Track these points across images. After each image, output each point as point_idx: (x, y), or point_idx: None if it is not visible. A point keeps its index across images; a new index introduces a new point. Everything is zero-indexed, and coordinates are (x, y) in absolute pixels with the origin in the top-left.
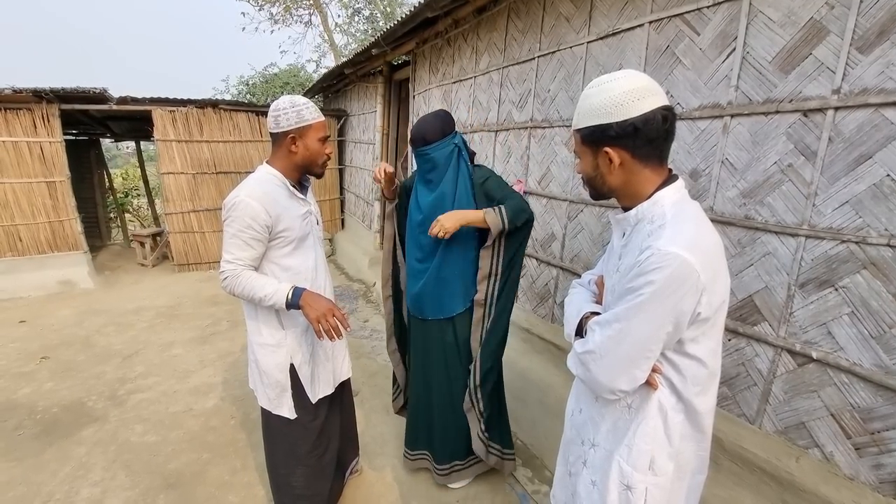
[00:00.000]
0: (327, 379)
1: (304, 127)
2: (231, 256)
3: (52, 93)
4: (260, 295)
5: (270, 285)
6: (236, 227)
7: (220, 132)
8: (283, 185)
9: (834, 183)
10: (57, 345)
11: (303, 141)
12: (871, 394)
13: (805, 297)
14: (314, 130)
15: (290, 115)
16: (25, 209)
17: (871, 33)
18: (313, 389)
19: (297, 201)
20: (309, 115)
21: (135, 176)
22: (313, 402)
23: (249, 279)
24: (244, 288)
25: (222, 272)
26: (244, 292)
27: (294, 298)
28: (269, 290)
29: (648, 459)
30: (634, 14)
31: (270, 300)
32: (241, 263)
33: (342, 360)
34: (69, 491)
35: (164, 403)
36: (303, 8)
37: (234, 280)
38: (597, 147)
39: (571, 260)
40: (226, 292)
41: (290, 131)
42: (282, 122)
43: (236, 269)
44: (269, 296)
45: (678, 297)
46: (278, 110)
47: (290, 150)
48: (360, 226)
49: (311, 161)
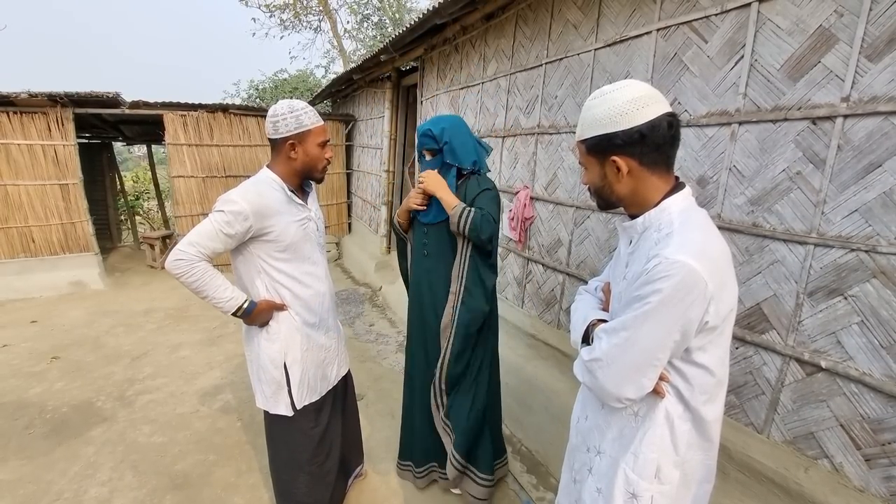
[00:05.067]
0: (314, 386)
1: (303, 132)
2: (196, 242)
3: (66, 97)
4: (213, 294)
5: (230, 289)
6: (216, 217)
7: (231, 136)
8: (282, 189)
9: (843, 191)
10: (67, 345)
11: (302, 147)
12: (882, 404)
13: (814, 305)
14: (313, 135)
15: (289, 121)
16: (39, 211)
17: (880, 41)
18: (300, 393)
19: (294, 206)
20: (308, 120)
21: (145, 179)
22: (298, 408)
23: (208, 273)
24: (199, 280)
25: (181, 252)
26: (197, 283)
27: (247, 312)
28: (226, 294)
29: (654, 468)
30: (642, 21)
31: (220, 304)
32: (204, 252)
33: (333, 369)
34: (77, 490)
35: (172, 404)
36: (312, 14)
37: (191, 267)
38: (603, 156)
39: (578, 266)
40: (172, 273)
41: (290, 137)
42: (280, 128)
43: (198, 257)
44: (223, 300)
45: (686, 305)
46: (276, 116)
47: (290, 156)
48: (366, 230)
49: (311, 166)
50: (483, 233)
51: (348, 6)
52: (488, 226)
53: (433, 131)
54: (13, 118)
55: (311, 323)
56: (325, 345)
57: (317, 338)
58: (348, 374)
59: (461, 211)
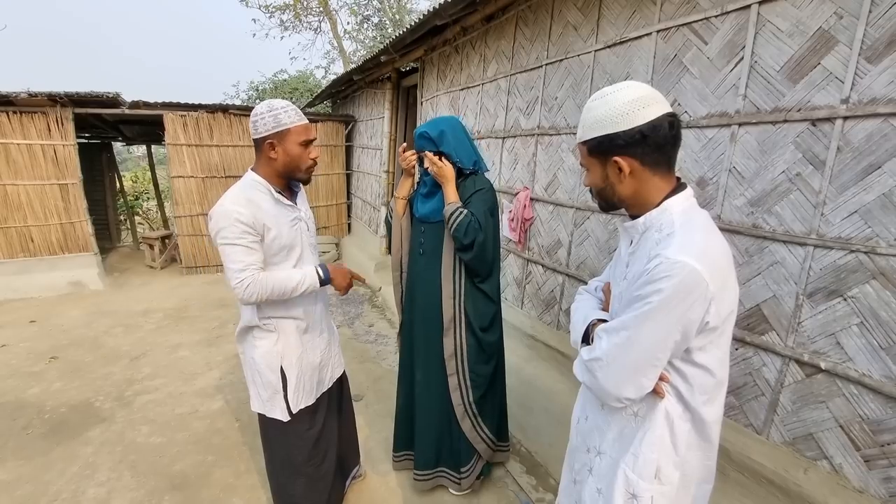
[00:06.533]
0: (310, 389)
1: (281, 131)
2: (241, 264)
3: (66, 97)
4: (292, 286)
5: (296, 273)
6: (232, 234)
7: (230, 136)
8: (268, 191)
9: (842, 192)
10: (66, 345)
11: (282, 146)
12: (881, 405)
13: (813, 306)
14: (293, 134)
15: (267, 120)
16: (38, 211)
17: (880, 43)
18: (296, 397)
19: (283, 207)
20: (287, 118)
21: (145, 179)
22: (293, 412)
23: (272, 278)
24: (272, 287)
25: (240, 282)
26: (274, 291)
27: (325, 276)
28: (298, 277)
29: (654, 468)
30: (642, 23)
31: (304, 286)
32: (254, 268)
33: (328, 371)
34: (76, 490)
35: (171, 405)
36: (312, 15)
37: (257, 284)
38: (605, 157)
39: (577, 267)
40: (251, 300)
41: (268, 136)
42: (259, 128)
43: (254, 274)
44: (302, 282)
45: (686, 305)
46: (256, 115)
47: (270, 156)
48: (366, 230)
49: (293, 166)
50: (465, 238)
51: (349, 7)
52: (472, 232)
53: (431, 134)
54: (12, 118)
55: (307, 325)
56: (320, 347)
57: (312, 340)
58: (343, 375)
59: (454, 209)
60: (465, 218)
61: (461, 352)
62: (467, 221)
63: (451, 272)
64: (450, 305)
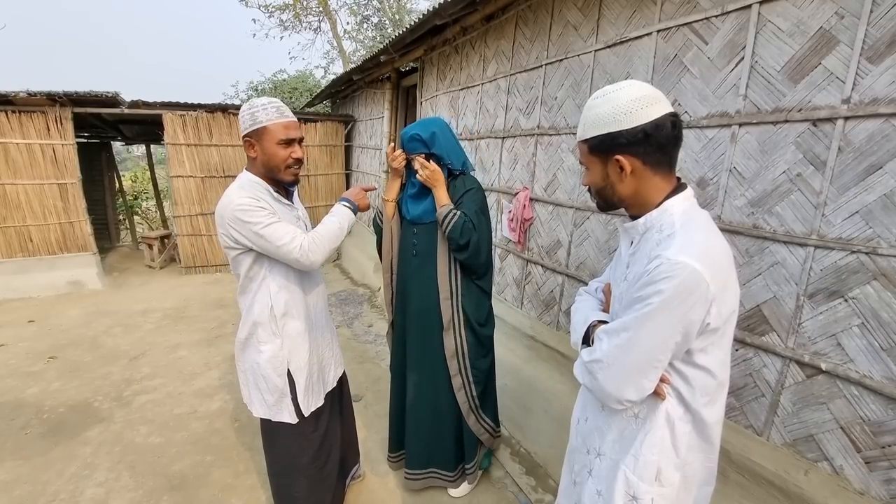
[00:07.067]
0: (318, 391)
1: (258, 129)
2: (288, 236)
3: (65, 96)
4: (337, 230)
5: (333, 218)
6: (263, 218)
7: (230, 136)
8: (267, 190)
9: (843, 193)
10: (65, 345)
11: (259, 144)
12: (882, 407)
13: (814, 307)
14: (270, 133)
15: (245, 118)
16: (37, 210)
17: (881, 43)
18: (306, 400)
19: (283, 206)
20: (264, 116)
21: (144, 179)
22: (305, 415)
23: (318, 234)
24: (326, 240)
25: (300, 249)
26: (330, 242)
27: (354, 206)
28: (336, 220)
29: (655, 470)
30: (642, 23)
31: (346, 223)
32: (299, 232)
33: (331, 371)
34: (74, 490)
35: (170, 405)
36: (312, 15)
37: (314, 244)
38: (606, 156)
39: (577, 267)
40: (318, 260)
41: (247, 135)
42: (241, 127)
43: (304, 237)
44: (342, 223)
45: (687, 306)
46: (240, 114)
47: (250, 154)
48: (365, 231)
49: (271, 165)
50: (461, 238)
51: (348, 7)
52: (467, 233)
53: (422, 136)
54: (12, 117)
55: (310, 326)
56: (322, 346)
57: (315, 340)
58: (343, 374)
59: (448, 211)
60: (460, 219)
61: (462, 350)
62: (462, 222)
63: (447, 273)
64: (448, 306)
